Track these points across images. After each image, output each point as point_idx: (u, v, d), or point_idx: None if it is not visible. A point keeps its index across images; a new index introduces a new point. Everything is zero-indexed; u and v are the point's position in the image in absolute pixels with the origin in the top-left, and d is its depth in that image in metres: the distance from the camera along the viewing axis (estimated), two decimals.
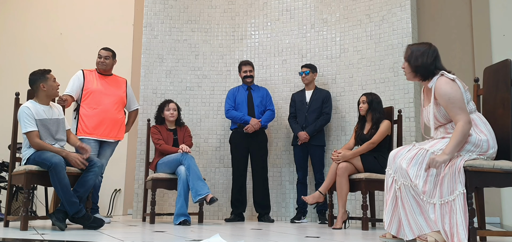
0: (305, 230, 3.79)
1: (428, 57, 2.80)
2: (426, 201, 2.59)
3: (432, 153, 2.63)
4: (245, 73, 5.09)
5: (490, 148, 2.65)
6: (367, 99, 4.21)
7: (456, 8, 5.31)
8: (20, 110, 3.59)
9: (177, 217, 4.27)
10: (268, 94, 5.18)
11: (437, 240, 2.60)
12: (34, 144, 3.52)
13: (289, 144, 5.23)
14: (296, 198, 5.02)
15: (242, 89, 5.14)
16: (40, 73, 3.67)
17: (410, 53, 2.86)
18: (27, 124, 3.52)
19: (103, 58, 4.55)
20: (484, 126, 2.71)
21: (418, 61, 2.80)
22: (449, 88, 2.67)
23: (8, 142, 4.06)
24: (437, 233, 2.61)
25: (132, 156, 5.91)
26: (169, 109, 4.77)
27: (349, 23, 5.28)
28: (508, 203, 4.79)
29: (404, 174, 2.68)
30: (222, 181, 5.44)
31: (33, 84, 3.67)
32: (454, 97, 2.64)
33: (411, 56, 2.85)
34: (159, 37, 5.64)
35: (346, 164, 4.00)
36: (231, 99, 5.10)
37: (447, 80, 2.70)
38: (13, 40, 6.75)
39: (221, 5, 5.78)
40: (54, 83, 3.71)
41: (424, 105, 2.94)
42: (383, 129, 4.09)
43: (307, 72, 4.96)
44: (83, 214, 3.49)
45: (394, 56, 4.93)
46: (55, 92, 3.73)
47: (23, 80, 3.95)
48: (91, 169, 3.59)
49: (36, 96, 3.69)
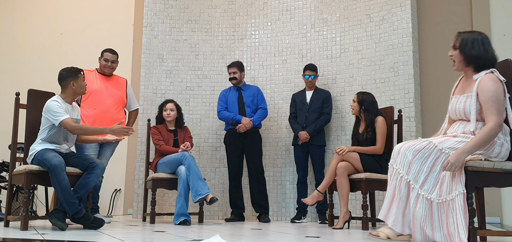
0: (305, 230, 3.79)
1: (484, 47, 2.67)
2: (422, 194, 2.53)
3: (440, 149, 2.56)
4: (230, 74, 5.10)
5: (501, 154, 2.62)
6: (357, 99, 4.18)
7: (456, 8, 5.31)
8: (49, 103, 3.57)
9: (177, 217, 4.27)
10: (260, 92, 5.14)
11: (388, 237, 2.60)
12: (73, 128, 3.55)
13: (290, 144, 5.23)
14: (296, 198, 5.02)
15: (233, 90, 5.14)
16: (73, 71, 3.68)
17: (463, 41, 2.70)
18: (60, 114, 3.52)
19: (110, 62, 4.55)
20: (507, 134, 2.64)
21: (473, 51, 2.66)
22: (496, 86, 2.57)
23: (8, 142, 4.05)
24: (389, 228, 2.61)
25: (132, 156, 5.91)
26: (166, 110, 4.76)
27: (349, 23, 5.28)
28: (508, 203, 4.79)
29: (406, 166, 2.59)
30: (222, 181, 5.44)
31: (63, 80, 3.67)
32: (496, 97, 2.56)
33: (465, 44, 2.69)
34: (159, 37, 5.64)
35: (346, 163, 4.00)
36: (223, 101, 5.10)
37: (495, 78, 2.61)
38: (13, 40, 6.76)
39: (221, 5, 5.78)
40: (83, 83, 3.74)
41: (455, 94, 2.83)
42: (381, 130, 4.05)
43: (313, 76, 4.96)
44: (83, 214, 3.49)
45: (394, 56, 4.93)
46: (83, 91, 3.77)
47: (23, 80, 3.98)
48: (93, 170, 3.58)
49: (63, 92, 3.70)
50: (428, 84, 5.21)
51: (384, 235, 2.61)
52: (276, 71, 5.58)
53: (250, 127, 4.89)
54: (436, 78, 5.20)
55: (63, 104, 3.63)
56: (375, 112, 4.14)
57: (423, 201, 2.53)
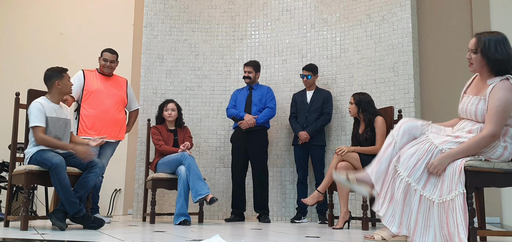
0: (305, 230, 3.79)
1: (507, 50, 2.56)
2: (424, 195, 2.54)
3: (441, 150, 2.55)
4: (244, 73, 5.10)
5: (502, 157, 2.61)
6: (354, 101, 4.18)
7: (456, 8, 5.31)
8: (32, 104, 3.59)
9: (177, 217, 4.27)
10: (270, 92, 5.12)
11: (384, 238, 2.60)
12: (38, 138, 3.52)
13: (290, 144, 5.23)
14: (296, 198, 5.02)
15: (245, 89, 5.16)
16: (57, 71, 3.67)
17: (485, 44, 2.57)
18: (36, 118, 3.52)
19: (109, 62, 4.54)
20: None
21: (497, 55, 2.54)
22: (508, 96, 2.50)
23: (8, 142, 4.05)
24: (384, 230, 2.61)
25: (132, 156, 5.91)
26: (168, 110, 4.76)
27: (349, 23, 5.28)
28: (508, 203, 4.79)
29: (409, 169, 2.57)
30: (222, 181, 5.44)
31: (49, 80, 3.67)
32: (504, 107, 2.50)
33: (488, 49, 2.56)
34: (159, 37, 5.64)
35: (345, 163, 3.99)
36: (233, 99, 5.13)
37: (510, 86, 2.53)
38: (13, 40, 6.75)
39: (221, 5, 5.78)
40: (68, 83, 3.72)
41: (467, 92, 2.77)
42: (380, 130, 4.05)
43: (309, 76, 4.96)
44: (83, 214, 3.49)
45: (394, 56, 4.93)
46: (68, 91, 3.75)
47: (23, 80, 3.97)
48: (92, 169, 3.58)
49: (49, 93, 3.69)
50: (428, 84, 5.20)
51: (379, 237, 2.61)
52: (276, 71, 5.58)
53: (252, 124, 4.87)
54: (436, 78, 5.20)
55: (49, 105, 3.62)
56: (373, 112, 4.14)
57: (425, 202, 2.54)
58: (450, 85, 5.04)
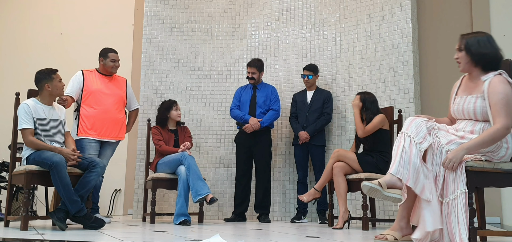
0: (305, 230, 3.79)
1: (491, 46, 2.64)
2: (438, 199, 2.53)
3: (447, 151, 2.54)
4: (248, 74, 5.08)
5: (504, 158, 2.61)
6: (360, 98, 4.19)
7: (456, 8, 5.31)
8: (20, 107, 3.61)
9: (177, 217, 4.27)
10: (274, 92, 5.09)
11: (396, 238, 2.59)
12: (27, 141, 3.53)
13: (290, 144, 5.23)
14: (296, 198, 5.02)
15: (248, 88, 5.13)
16: (46, 73, 3.67)
17: (468, 42, 2.66)
18: (23, 121, 3.53)
19: (117, 62, 4.57)
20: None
21: (480, 50, 2.62)
22: (506, 89, 2.53)
23: (8, 142, 4.06)
24: (395, 231, 2.61)
25: (132, 156, 5.91)
26: (177, 109, 4.78)
27: (349, 23, 5.28)
28: (508, 203, 4.79)
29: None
30: (222, 181, 5.44)
31: (39, 82, 3.68)
32: (507, 99, 2.52)
33: (471, 45, 2.65)
34: (159, 37, 5.65)
35: (342, 163, 4.00)
36: (237, 98, 5.11)
37: (504, 80, 2.57)
38: (14, 40, 6.76)
39: (221, 5, 5.78)
40: (59, 84, 3.71)
41: (458, 93, 2.78)
42: (376, 120, 4.06)
43: (310, 76, 4.96)
44: (85, 213, 3.49)
45: (394, 56, 4.93)
46: (59, 92, 3.74)
47: (24, 80, 3.97)
48: (93, 169, 3.59)
49: (40, 95, 3.70)
50: (428, 84, 5.20)
51: (392, 238, 2.61)
52: (276, 71, 5.58)
53: (257, 128, 4.87)
54: (436, 78, 5.20)
55: (38, 106, 3.62)
56: (375, 111, 4.15)
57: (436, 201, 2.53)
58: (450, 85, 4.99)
